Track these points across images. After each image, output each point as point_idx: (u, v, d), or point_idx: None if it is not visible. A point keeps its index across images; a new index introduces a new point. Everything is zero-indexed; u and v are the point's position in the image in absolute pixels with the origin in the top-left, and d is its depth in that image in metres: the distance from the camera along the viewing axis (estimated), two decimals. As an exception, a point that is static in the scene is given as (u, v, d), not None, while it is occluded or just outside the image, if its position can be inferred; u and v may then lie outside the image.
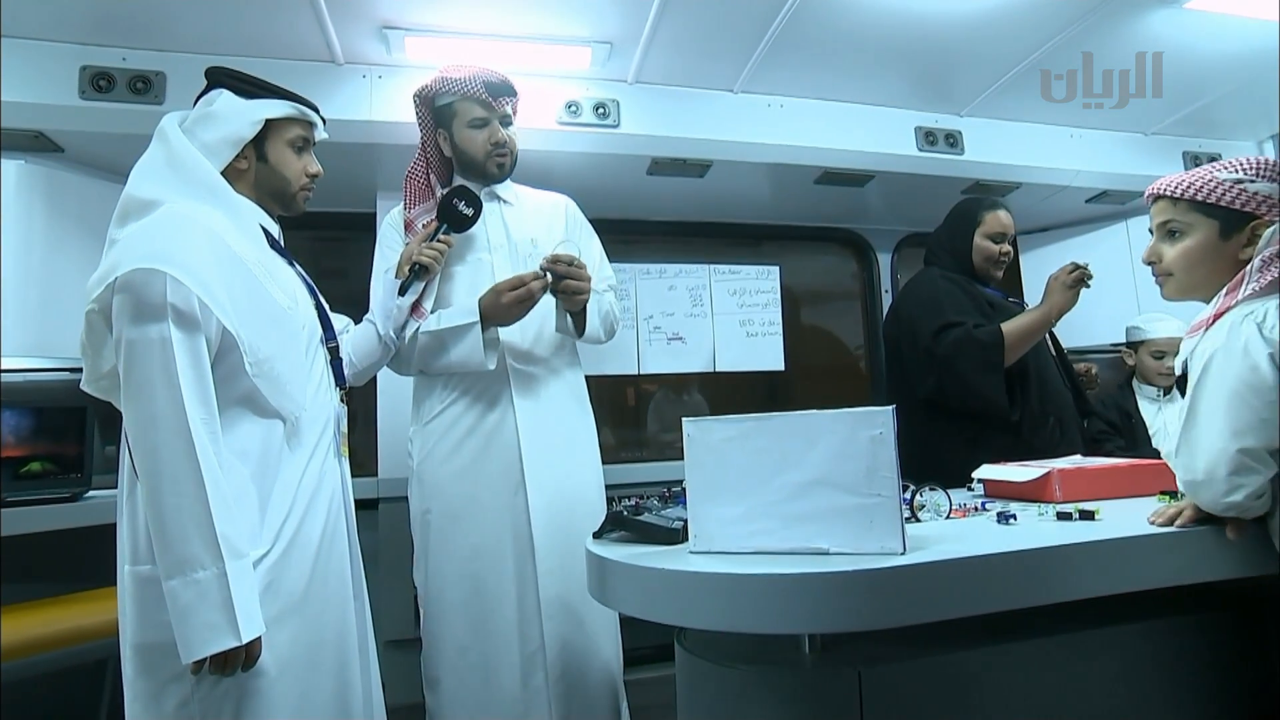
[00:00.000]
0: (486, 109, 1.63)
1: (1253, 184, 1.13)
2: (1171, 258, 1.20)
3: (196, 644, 1.01)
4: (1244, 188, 1.13)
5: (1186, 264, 1.18)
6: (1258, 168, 1.14)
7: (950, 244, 2.01)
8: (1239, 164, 1.16)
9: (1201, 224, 1.16)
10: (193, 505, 1.02)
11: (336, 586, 1.23)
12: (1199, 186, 1.15)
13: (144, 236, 1.10)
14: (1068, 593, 0.98)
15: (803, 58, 2.02)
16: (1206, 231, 1.16)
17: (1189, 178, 1.17)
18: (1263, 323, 1.05)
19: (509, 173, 1.70)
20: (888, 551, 0.97)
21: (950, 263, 1.99)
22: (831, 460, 1.00)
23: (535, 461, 1.60)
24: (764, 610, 0.95)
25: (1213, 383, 1.07)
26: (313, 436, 1.23)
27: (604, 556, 1.10)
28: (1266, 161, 1.14)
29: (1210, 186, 1.15)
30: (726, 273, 2.71)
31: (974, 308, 1.87)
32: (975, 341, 1.78)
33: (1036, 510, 1.25)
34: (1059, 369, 1.99)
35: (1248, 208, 1.13)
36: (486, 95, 1.62)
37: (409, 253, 1.55)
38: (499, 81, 1.63)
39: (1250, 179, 1.14)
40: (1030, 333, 1.81)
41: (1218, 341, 1.08)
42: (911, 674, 1.06)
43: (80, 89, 1.78)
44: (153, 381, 1.04)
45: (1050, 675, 1.09)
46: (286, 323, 1.20)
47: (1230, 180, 1.14)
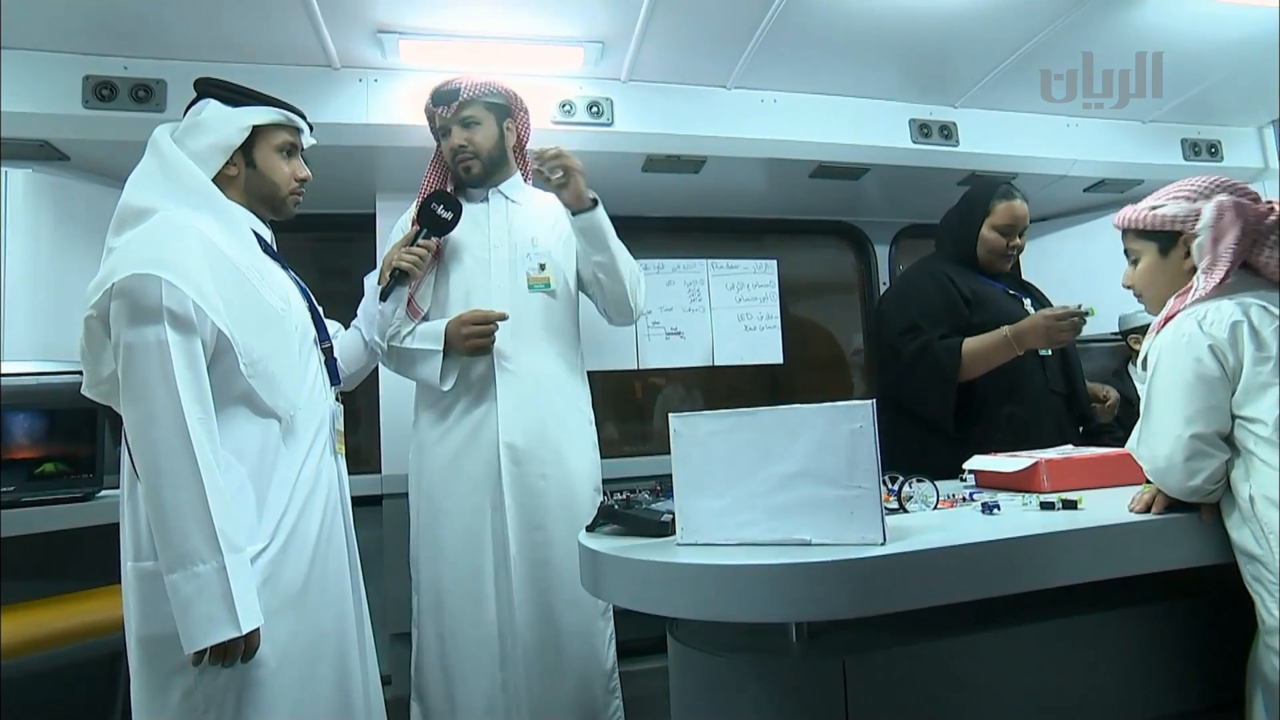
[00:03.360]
0: (441, 119, 1.69)
1: (1162, 208, 1.26)
2: (1136, 279, 1.35)
3: (198, 635, 1.04)
4: (1155, 212, 1.27)
5: (1146, 283, 1.33)
6: (1171, 193, 1.28)
7: (957, 232, 1.95)
8: (1160, 191, 1.30)
9: (1146, 248, 1.31)
10: (191, 501, 1.05)
11: (334, 581, 1.27)
12: (1131, 217, 1.31)
13: (139, 244, 1.14)
14: (1043, 580, 1.00)
15: (795, 53, 2.03)
16: (1150, 253, 1.31)
17: (1128, 212, 1.33)
18: (1203, 319, 1.16)
19: (479, 174, 1.70)
20: (868, 542, 0.99)
21: (953, 250, 1.95)
22: (813, 453, 1.03)
23: (514, 460, 1.63)
24: (747, 600, 0.98)
25: (1163, 376, 1.18)
26: (308, 434, 1.26)
27: (595, 549, 1.13)
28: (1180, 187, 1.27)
29: (1136, 216, 1.30)
30: (724, 267, 2.72)
31: (947, 309, 1.83)
32: (932, 353, 1.77)
33: (1021, 500, 1.27)
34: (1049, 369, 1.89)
35: (1166, 228, 1.27)
36: (431, 106, 1.69)
37: (390, 259, 1.58)
38: (437, 91, 1.68)
39: (1161, 204, 1.27)
40: (990, 355, 1.76)
41: (1166, 339, 1.19)
42: (896, 661, 1.08)
43: (84, 98, 1.82)
44: (151, 383, 1.07)
45: (1031, 661, 1.12)
46: (279, 324, 1.23)
47: (1146, 209, 1.29)
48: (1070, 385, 1.94)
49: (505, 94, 1.72)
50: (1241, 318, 1.13)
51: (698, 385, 2.89)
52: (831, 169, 2.35)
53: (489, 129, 1.70)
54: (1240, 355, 1.12)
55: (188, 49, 1.81)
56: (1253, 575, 1.11)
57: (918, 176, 2.43)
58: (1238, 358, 1.13)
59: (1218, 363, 1.13)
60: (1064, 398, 1.92)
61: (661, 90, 2.12)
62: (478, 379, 1.66)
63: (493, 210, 1.74)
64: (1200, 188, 1.25)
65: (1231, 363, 1.13)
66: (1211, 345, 1.13)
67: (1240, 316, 1.13)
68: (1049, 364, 1.91)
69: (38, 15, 1.69)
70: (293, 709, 1.15)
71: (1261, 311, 1.14)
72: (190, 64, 1.81)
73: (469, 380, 1.66)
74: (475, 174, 1.70)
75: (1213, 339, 1.14)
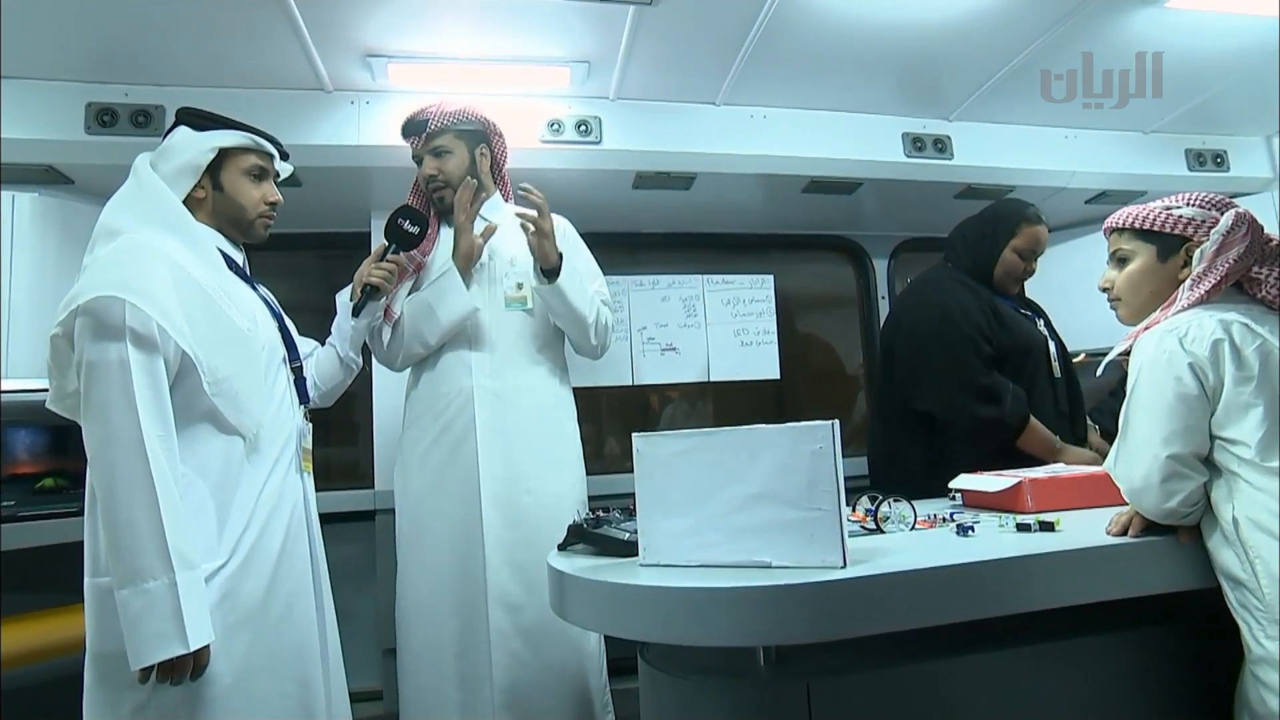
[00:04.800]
0: (414, 149, 1.74)
1: (1179, 209, 1.23)
2: (1119, 282, 1.30)
3: (145, 651, 1.04)
4: (1171, 212, 1.24)
5: (1131, 286, 1.28)
6: (1189, 199, 1.25)
7: (976, 247, 1.91)
8: (1176, 196, 1.27)
9: (1142, 249, 1.27)
10: (146, 518, 1.06)
11: (298, 598, 1.27)
12: (1138, 216, 1.27)
13: (105, 266, 1.16)
14: (1011, 605, 0.98)
15: (785, 68, 2.03)
16: (1146, 256, 1.27)
17: (1133, 209, 1.29)
18: (1184, 336, 1.12)
19: (452, 202, 1.70)
20: (828, 565, 0.97)
21: (968, 264, 1.91)
22: (774, 474, 1.02)
23: (493, 478, 1.64)
24: (706, 624, 0.96)
25: (1142, 395, 1.15)
26: (273, 452, 1.27)
27: (560, 570, 1.12)
28: (1197, 195, 1.24)
29: (1145, 214, 1.27)
30: (720, 282, 2.72)
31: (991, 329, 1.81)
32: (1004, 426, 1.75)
33: (998, 521, 1.24)
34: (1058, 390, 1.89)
35: (1176, 230, 1.23)
36: (403, 137, 1.74)
37: (360, 274, 1.60)
38: (406, 122, 1.74)
39: (1178, 205, 1.24)
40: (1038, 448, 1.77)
41: (1146, 356, 1.16)
42: (861, 686, 1.06)
43: (86, 124, 1.88)
44: (111, 401, 1.09)
45: (1006, 688, 1.09)
46: (245, 344, 1.25)
47: (1160, 208, 1.26)
48: (1073, 406, 1.94)
49: (477, 119, 1.75)
50: (1223, 335, 1.11)
51: (702, 400, 2.88)
52: (824, 184, 2.34)
53: (460, 156, 1.73)
54: (1221, 374, 1.10)
55: (185, 76, 1.87)
56: (1238, 601, 1.07)
57: (913, 190, 2.42)
58: (1218, 377, 1.10)
59: (1198, 381, 1.10)
60: (1069, 418, 1.91)
61: (650, 108, 2.14)
62: (458, 395, 1.66)
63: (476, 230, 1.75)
64: (1218, 201, 1.23)
65: (1212, 381, 1.10)
66: (1192, 363, 1.11)
67: (1222, 334, 1.11)
68: (1058, 385, 1.90)
69: (43, 46, 1.76)
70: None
71: (1244, 330, 1.11)
72: (187, 90, 1.86)
73: (449, 397, 1.67)
74: (449, 202, 1.72)
75: (1194, 357, 1.11)
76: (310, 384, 1.48)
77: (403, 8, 1.68)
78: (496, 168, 1.82)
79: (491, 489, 1.63)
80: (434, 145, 1.71)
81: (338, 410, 2.50)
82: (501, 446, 1.65)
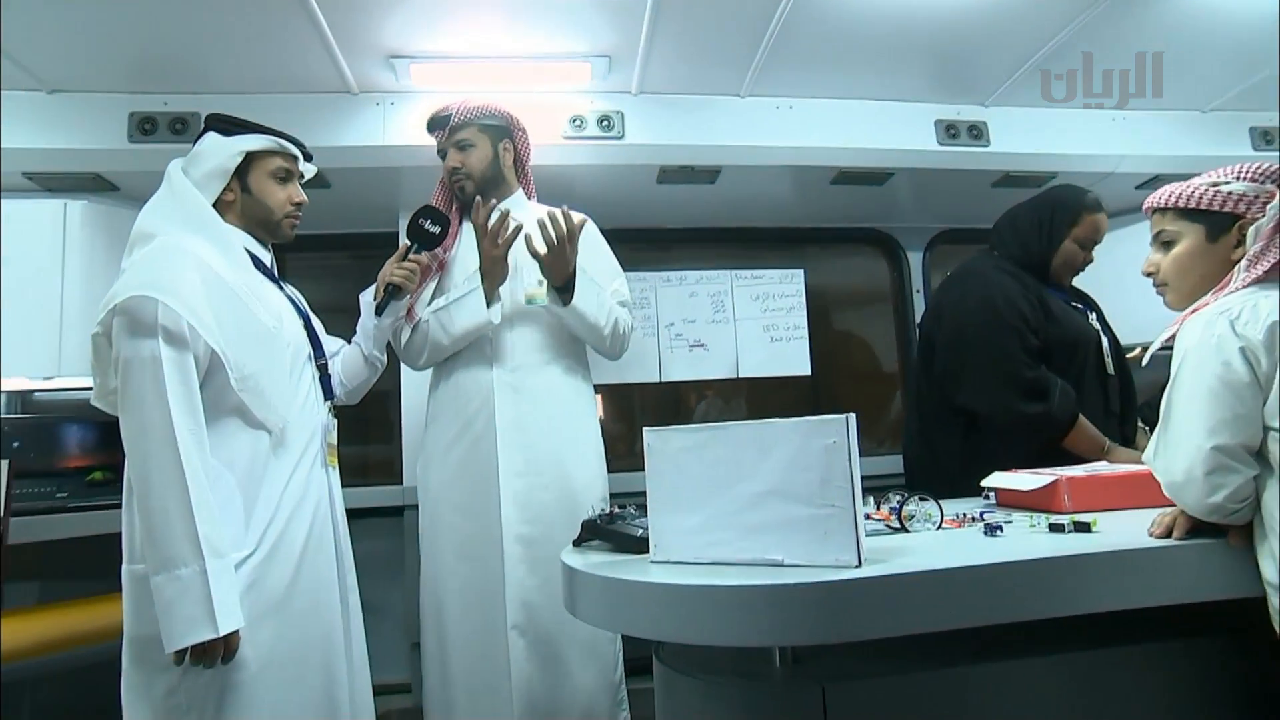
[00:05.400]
0: (439, 143, 1.77)
1: (1227, 185, 1.15)
2: (1165, 266, 1.22)
3: (177, 635, 1.08)
4: (1219, 189, 1.15)
5: (1178, 270, 1.20)
6: (1237, 172, 1.16)
7: (1031, 236, 1.81)
8: (1221, 170, 1.18)
9: (1189, 230, 1.19)
10: (177, 508, 1.10)
11: (322, 589, 1.30)
12: (1181, 194, 1.19)
13: (140, 268, 1.22)
14: (1037, 610, 0.92)
15: (810, 57, 1.98)
16: (1194, 237, 1.18)
17: (1176, 187, 1.20)
18: (1236, 319, 1.03)
19: (472, 194, 1.73)
20: (842, 564, 0.94)
21: (1019, 255, 1.81)
22: (785, 470, 0.98)
23: (512, 474, 1.64)
24: (715, 622, 0.94)
25: (1187, 381, 1.06)
26: (299, 446, 1.30)
27: (572, 567, 1.11)
28: (1246, 166, 1.15)
29: (1189, 192, 1.18)
30: (749, 278, 2.67)
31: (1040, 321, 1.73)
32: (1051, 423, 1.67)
33: (1029, 521, 1.18)
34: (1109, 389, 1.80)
35: (1226, 208, 1.15)
36: (428, 131, 1.78)
37: (383, 274, 1.62)
38: (431, 117, 1.77)
39: (1226, 181, 1.15)
40: (1086, 448, 1.68)
41: (1193, 339, 1.06)
42: (879, 691, 1.02)
43: (129, 133, 1.95)
44: (144, 395, 1.13)
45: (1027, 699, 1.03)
46: (271, 341, 1.28)
47: (1206, 184, 1.17)
48: (1125, 406, 1.83)
49: (499, 115, 1.76)
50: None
51: (736, 396, 2.84)
52: (853, 174, 2.27)
53: (483, 150, 1.74)
54: (1277, 360, 1.00)
55: (218, 83, 1.92)
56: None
57: (948, 179, 2.33)
58: (1273, 363, 1.00)
59: (1249, 367, 1.01)
60: (1119, 419, 1.81)
61: (672, 101, 2.11)
62: (478, 392, 1.67)
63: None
64: (1271, 172, 1.13)
65: (1265, 368, 1.00)
66: (1244, 348, 1.01)
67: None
68: (1109, 383, 1.80)
69: (88, 60, 1.84)
70: (273, 712, 1.18)
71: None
72: (221, 97, 1.91)
73: (469, 394, 1.68)
74: (470, 194, 1.74)
75: (1246, 341, 1.01)
76: (336, 381, 1.51)
77: (422, 8, 1.70)
78: (520, 163, 1.83)
79: (510, 485, 1.63)
80: (457, 139, 1.73)
81: (372, 409, 2.56)
82: (521, 443, 1.65)
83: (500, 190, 1.78)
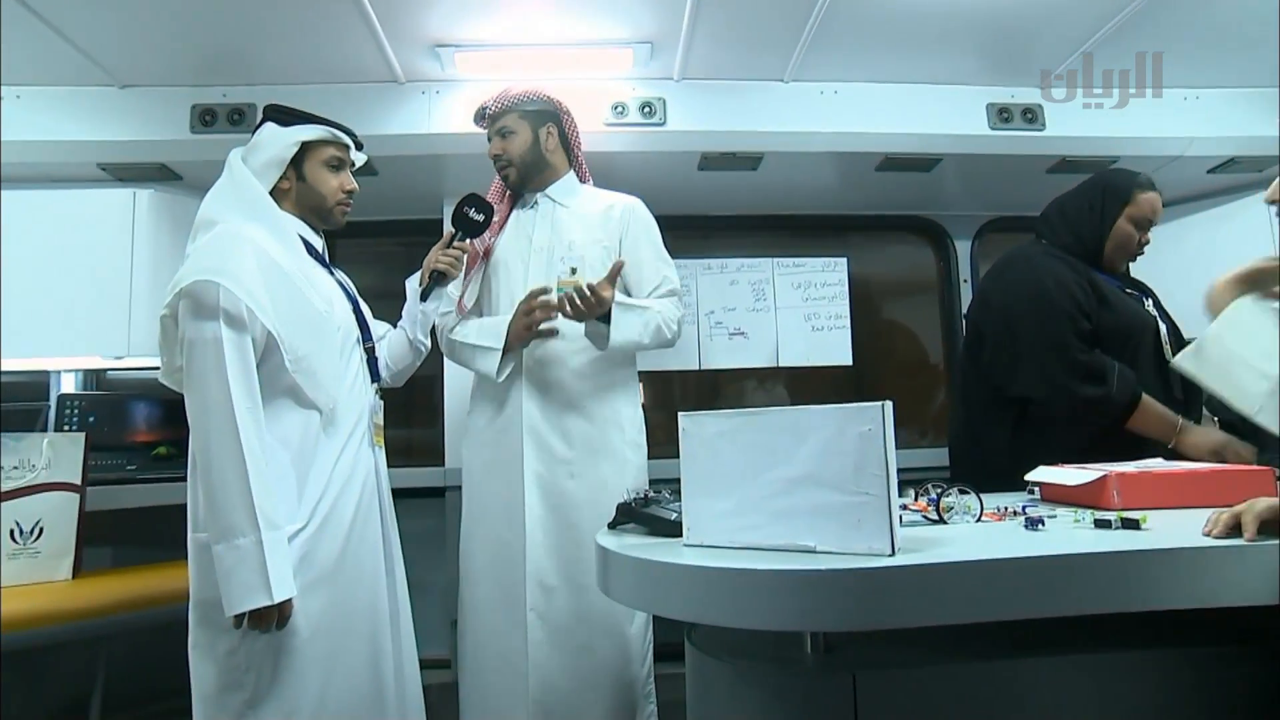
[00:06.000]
0: (488, 133, 1.81)
1: None
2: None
3: (236, 600, 1.15)
4: None
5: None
6: None
7: (1080, 220, 1.75)
8: None
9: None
10: (235, 481, 1.17)
11: (369, 563, 1.36)
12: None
13: (202, 253, 1.28)
14: (1071, 606, 0.90)
15: (856, 40, 1.94)
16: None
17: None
18: None
19: (517, 181, 1.78)
20: (875, 552, 0.93)
21: (1069, 241, 1.75)
22: (819, 457, 0.98)
23: (536, 460, 1.67)
24: (746, 605, 0.94)
25: None
26: (347, 426, 1.36)
27: (606, 547, 1.13)
28: None
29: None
30: (790, 266, 2.65)
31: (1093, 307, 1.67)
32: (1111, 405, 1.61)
33: (1074, 516, 1.15)
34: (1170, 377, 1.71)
35: None
36: (475, 123, 1.82)
37: (429, 261, 1.67)
38: (477, 110, 1.80)
39: None
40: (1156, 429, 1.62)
41: None
42: (910, 681, 1.01)
43: (191, 125, 2.05)
44: (207, 375, 1.20)
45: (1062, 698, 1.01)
46: (322, 325, 1.34)
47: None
48: (1188, 394, 1.74)
49: (540, 99, 1.77)
50: None
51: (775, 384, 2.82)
52: (899, 160, 2.22)
53: (524, 136, 1.76)
54: None
55: (273, 75, 2.00)
56: None
57: (999, 165, 2.26)
58: None
59: None
60: (1183, 406, 1.72)
61: (715, 87, 2.10)
62: (512, 380, 1.72)
63: (539, 215, 1.80)
64: None
65: None
66: None
67: None
68: (1170, 371, 1.70)
69: (156, 55, 1.93)
70: (324, 677, 1.25)
71: None
72: (276, 88, 1.99)
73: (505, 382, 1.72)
74: (513, 180, 1.79)
75: None
76: (382, 364, 1.56)
77: (468, -3, 1.73)
78: (567, 146, 1.83)
79: (534, 469, 1.67)
80: (499, 126, 1.77)
81: (418, 392, 2.64)
82: (547, 429, 1.68)
83: (544, 175, 1.80)
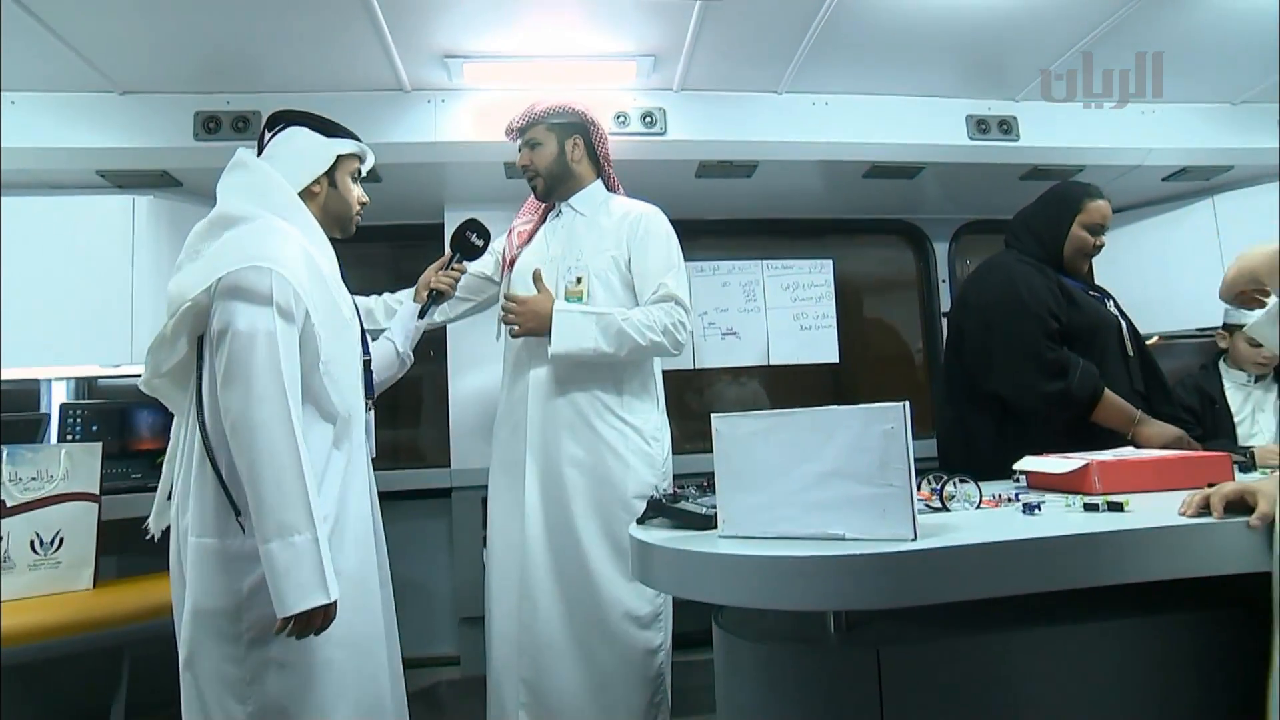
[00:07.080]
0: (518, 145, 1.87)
1: None
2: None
3: (293, 600, 1.10)
4: None
5: None
6: None
7: (1041, 229, 1.92)
8: None
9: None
10: (292, 477, 1.12)
11: (367, 569, 1.34)
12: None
13: (245, 241, 1.22)
14: (1074, 580, 1.01)
15: (847, 55, 2.04)
16: None
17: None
18: None
19: (544, 191, 1.86)
20: (899, 538, 1.03)
21: (1034, 249, 1.91)
22: (847, 453, 1.07)
23: (537, 460, 1.75)
24: (784, 589, 1.03)
25: None
26: (354, 436, 1.35)
27: (644, 540, 1.21)
28: None
29: None
30: (779, 268, 2.75)
31: (1060, 307, 1.81)
32: (1071, 400, 1.75)
33: (1065, 501, 1.27)
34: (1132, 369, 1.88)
35: None
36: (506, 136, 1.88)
37: (426, 279, 1.73)
38: (508, 124, 1.86)
39: None
40: (1115, 421, 1.76)
41: None
42: (929, 655, 1.12)
43: (194, 132, 2.04)
44: (255, 365, 1.14)
45: (1068, 662, 1.13)
46: (348, 331, 1.36)
47: None
48: (1150, 385, 1.91)
49: (567, 111, 1.82)
50: None
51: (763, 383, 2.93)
52: (885, 168, 2.34)
53: (549, 147, 1.83)
54: None
55: (278, 82, 2.01)
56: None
57: (977, 173, 2.40)
58: None
59: None
60: (1145, 397, 1.88)
61: (713, 98, 2.18)
62: (521, 378, 1.80)
63: (560, 224, 1.86)
64: None
65: None
66: None
67: None
68: (1131, 364, 1.89)
69: (157, 61, 1.92)
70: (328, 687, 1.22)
71: None
72: (281, 95, 2.00)
73: (514, 379, 1.82)
74: (541, 190, 1.86)
75: None
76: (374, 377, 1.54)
77: (479, 9, 1.77)
78: (594, 157, 1.89)
79: (535, 469, 1.74)
80: (526, 138, 1.84)
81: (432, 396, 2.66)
82: (550, 431, 1.74)
83: (569, 185, 1.85)
